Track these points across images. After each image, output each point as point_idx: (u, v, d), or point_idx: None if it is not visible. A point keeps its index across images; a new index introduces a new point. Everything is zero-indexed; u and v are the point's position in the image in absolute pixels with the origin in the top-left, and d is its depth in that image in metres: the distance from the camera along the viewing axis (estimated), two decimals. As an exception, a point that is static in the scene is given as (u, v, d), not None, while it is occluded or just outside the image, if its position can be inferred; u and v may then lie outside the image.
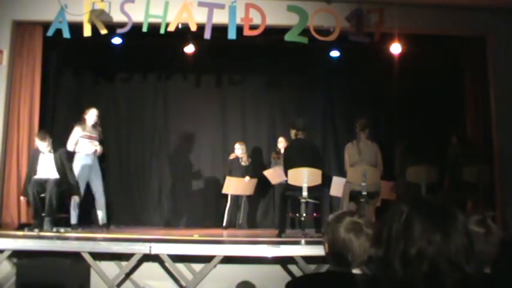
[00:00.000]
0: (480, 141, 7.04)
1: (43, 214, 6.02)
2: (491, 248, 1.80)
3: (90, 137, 6.53)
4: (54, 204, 5.93)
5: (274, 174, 7.40)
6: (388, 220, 1.19)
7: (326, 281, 1.82)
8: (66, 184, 6.14)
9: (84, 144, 6.49)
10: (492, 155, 6.74)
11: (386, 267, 1.15)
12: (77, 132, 6.49)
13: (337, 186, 6.76)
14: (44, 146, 6.14)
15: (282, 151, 7.63)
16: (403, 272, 1.12)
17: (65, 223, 6.30)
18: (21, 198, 6.36)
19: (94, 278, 4.77)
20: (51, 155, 6.17)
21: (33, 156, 6.26)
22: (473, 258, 1.14)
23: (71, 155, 6.49)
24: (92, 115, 6.60)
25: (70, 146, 6.46)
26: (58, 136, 6.72)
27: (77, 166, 6.40)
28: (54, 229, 5.95)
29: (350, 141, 6.35)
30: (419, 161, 6.15)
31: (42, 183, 6.04)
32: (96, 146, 6.55)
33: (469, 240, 1.15)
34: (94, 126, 6.64)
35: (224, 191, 7.53)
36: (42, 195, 6.04)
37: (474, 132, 7.19)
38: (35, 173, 6.16)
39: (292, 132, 6.34)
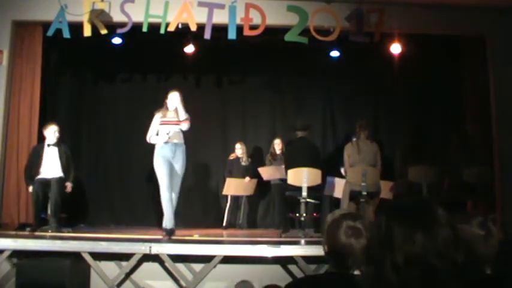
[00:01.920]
0: (480, 141, 7.03)
1: (47, 214, 6.08)
2: (490, 250, 1.80)
3: (168, 123, 5.51)
4: (59, 204, 5.96)
5: (267, 172, 7.39)
6: (371, 233, 1.20)
7: (326, 283, 1.81)
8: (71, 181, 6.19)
9: (162, 133, 5.52)
10: (492, 155, 6.74)
11: (380, 280, 1.15)
12: (155, 119, 5.58)
13: (331, 186, 6.74)
14: (52, 131, 6.15)
15: (278, 152, 7.65)
16: (397, 280, 1.12)
17: (65, 223, 6.30)
18: (30, 189, 6.12)
19: (94, 278, 4.77)
20: (56, 150, 6.18)
21: (36, 152, 6.26)
22: (462, 248, 1.14)
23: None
24: (172, 99, 5.56)
25: (147, 137, 5.59)
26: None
27: (155, 160, 5.46)
28: (65, 230, 5.98)
29: (349, 141, 6.35)
30: (420, 161, 6.15)
31: (47, 183, 6.05)
32: (169, 133, 5.44)
33: (454, 231, 1.15)
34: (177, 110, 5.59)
35: (224, 192, 7.53)
36: (44, 194, 6.09)
37: (474, 132, 7.19)
38: (37, 172, 6.14)
39: (297, 133, 6.33)
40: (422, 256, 1.10)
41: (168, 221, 5.33)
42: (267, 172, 7.44)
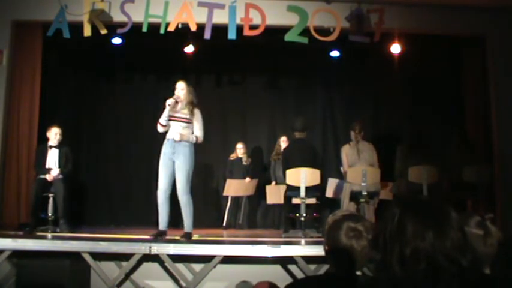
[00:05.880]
0: (480, 141, 7.04)
1: (49, 215, 6.13)
2: (489, 250, 1.80)
3: (173, 118, 5.15)
4: (66, 205, 5.97)
5: (272, 193, 7.32)
6: (383, 223, 1.22)
7: (326, 283, 1.81)
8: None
9: (169, 127, 5.19)
10: (492, 155, 6.74)
11: (385, 269, 1.17)
12: (165, 111, 5.16)
13: (332, 188, 6.73)
14: (54, 133, 6.14)
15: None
16: (402, 272, 1.14)
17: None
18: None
19: (94, 278, 4.77)
20: (57, 151, 6.19)
21: (41, 153, 6.25)
22: (469, 253, 1.16)
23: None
24: (178, 91, 5.20)
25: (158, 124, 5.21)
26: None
27: (161, 156, 5.20)
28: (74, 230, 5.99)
29: (347, 143, 6.36)
30: (421, 161, 6.15)
31: (47, 184, 6.05)
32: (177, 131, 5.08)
33: (463, 235, 1.18)
34: (189, 104, 5.24)
35: (225, 193, 7.52)
36: (44, 194, 6.09)
37: (474, 132, 7.19)
38: (40, 172, 6.13)
39: (295, 133, 6.32)
40: (430, 253, 1.13)
41: (159, 222, 5.20)
42: (270, 193, 7.33)
